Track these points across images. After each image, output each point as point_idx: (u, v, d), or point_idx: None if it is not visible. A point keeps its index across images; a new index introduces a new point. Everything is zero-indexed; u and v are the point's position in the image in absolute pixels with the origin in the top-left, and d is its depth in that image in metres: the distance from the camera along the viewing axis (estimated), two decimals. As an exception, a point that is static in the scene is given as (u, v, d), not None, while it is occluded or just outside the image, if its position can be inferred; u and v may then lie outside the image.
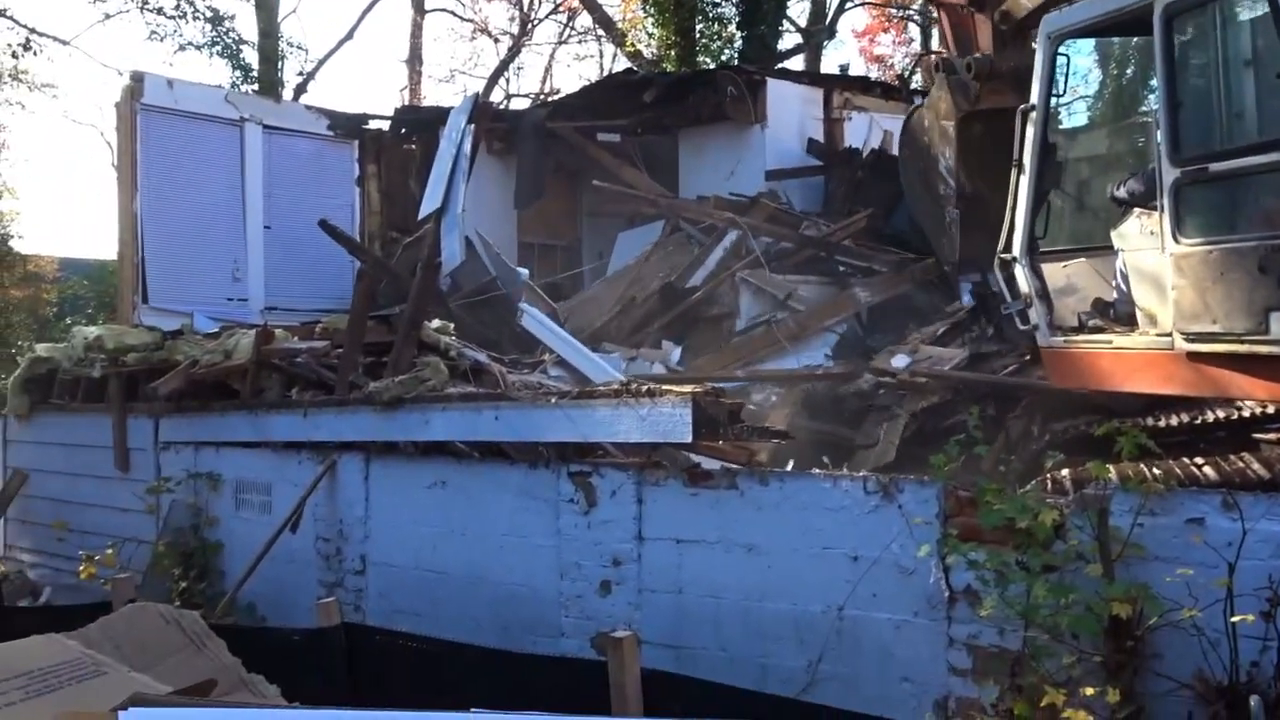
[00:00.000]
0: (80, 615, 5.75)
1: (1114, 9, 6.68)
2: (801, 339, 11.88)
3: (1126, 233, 6.90)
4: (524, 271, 13.87)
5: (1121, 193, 6.85)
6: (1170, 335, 6.32)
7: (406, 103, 33.09)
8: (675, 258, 13.58)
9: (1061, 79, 7.19)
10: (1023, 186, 7.30)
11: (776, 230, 13.41)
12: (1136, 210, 6.77)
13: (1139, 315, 6.73)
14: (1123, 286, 6.97)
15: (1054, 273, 7.44)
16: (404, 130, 17.77)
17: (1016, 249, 7.37)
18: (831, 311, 12.28)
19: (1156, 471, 5.44)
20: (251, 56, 26.24)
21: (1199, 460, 6.25)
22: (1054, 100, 7.28)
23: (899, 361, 10.34)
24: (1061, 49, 7.10)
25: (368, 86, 58.63)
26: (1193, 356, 6.22)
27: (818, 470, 6.95)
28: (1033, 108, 7.18)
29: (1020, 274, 7.39)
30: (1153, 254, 6.46)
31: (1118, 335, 6.84)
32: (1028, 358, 9.11)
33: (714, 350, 12.19)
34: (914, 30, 36.99)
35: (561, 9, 37.39)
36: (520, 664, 6.03)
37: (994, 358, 9.95)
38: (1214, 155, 6.14)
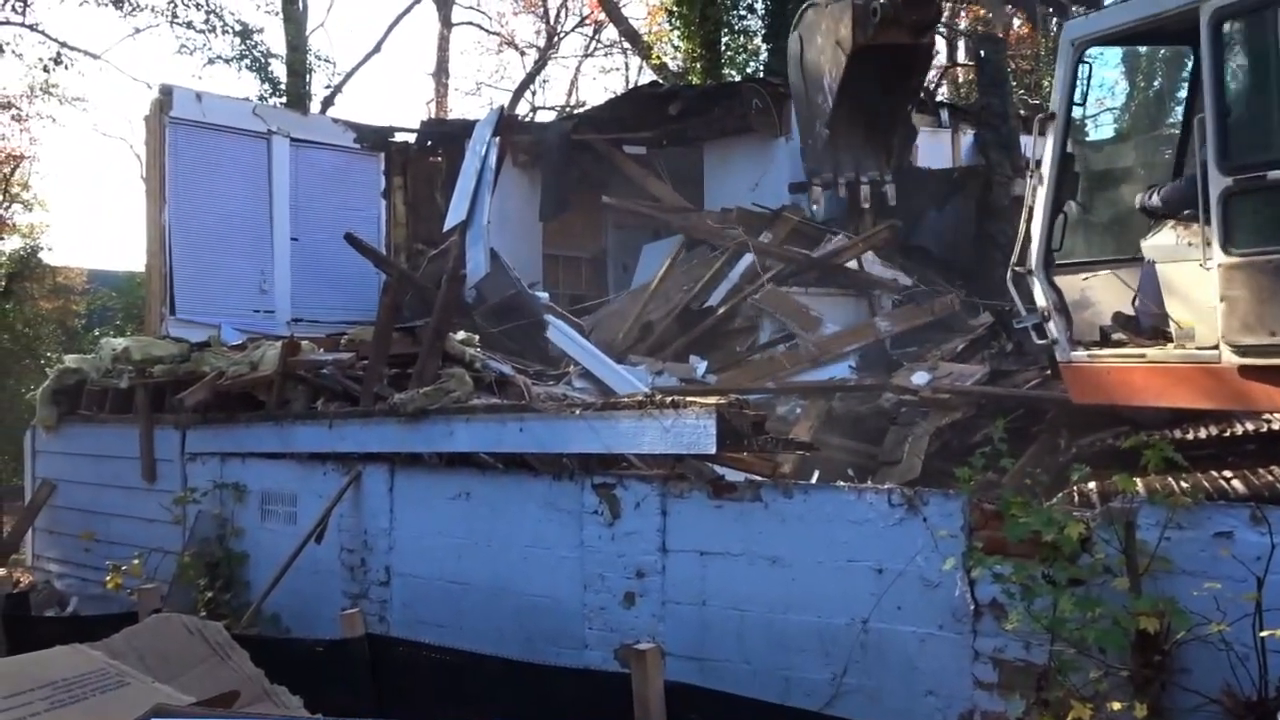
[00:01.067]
0: (106, 625, 5.76)
1: (1149, 14, 6.46)
2: (822, 362, 11.84)
3: (1160, 244, 6.73)
4: (544, 295, 13.89)
5: (1154, 201, 6.69)
6: (1216, 349, 6.13)
7: (433, 115, 33.22)
8: (698, 271, 13.56)
9: (1084, 88, 6.95)
10: (1039, 197, 7.05)
11: (782, 254, 13.36)
12: (1171, 221, 6.65)
13: (1173, 328, 6.57)
14: (1148, 298, 6.83)
15: (1070, 285, 7.24)
16: (430, 143, 17.83)
17: (1032, 261, 7.11)
18: (852, 339, 12.25)
19: (1184, 485, 5.39)
20: (279, 70, 26.42)
21: (1227, 473, 6.18)
22: (1077, 110, 7.06)
23: (919, 378, 10.30)
24: (1085, 57, 6.85)
25: (394, 99, 58.86)
26: (1244, 371, 6.03)
27: (842, 483, 6.92)
28: (1052, 116, 6.95)
29: (1037, 288, 7.15)
30: (1192, 265, 6.28)
31: (1150, 349, 6.65)
32: (1048, 372, 8.98)
33: (737, 365, 12.17)
34: (939, 43, 36.91)
35: (588, 22, 37.57)
36: (543, 676, 6.02)
37: (1015, 374, 9.89)
38: (1271, 162, 5.89)
